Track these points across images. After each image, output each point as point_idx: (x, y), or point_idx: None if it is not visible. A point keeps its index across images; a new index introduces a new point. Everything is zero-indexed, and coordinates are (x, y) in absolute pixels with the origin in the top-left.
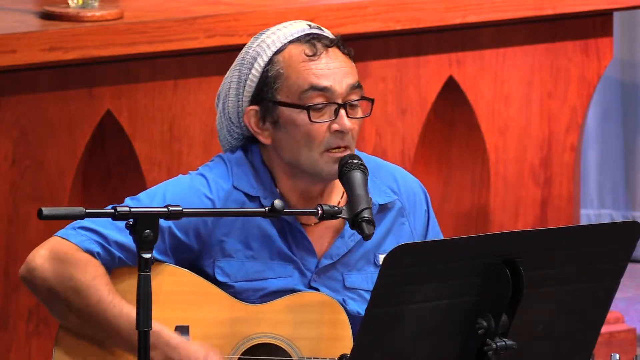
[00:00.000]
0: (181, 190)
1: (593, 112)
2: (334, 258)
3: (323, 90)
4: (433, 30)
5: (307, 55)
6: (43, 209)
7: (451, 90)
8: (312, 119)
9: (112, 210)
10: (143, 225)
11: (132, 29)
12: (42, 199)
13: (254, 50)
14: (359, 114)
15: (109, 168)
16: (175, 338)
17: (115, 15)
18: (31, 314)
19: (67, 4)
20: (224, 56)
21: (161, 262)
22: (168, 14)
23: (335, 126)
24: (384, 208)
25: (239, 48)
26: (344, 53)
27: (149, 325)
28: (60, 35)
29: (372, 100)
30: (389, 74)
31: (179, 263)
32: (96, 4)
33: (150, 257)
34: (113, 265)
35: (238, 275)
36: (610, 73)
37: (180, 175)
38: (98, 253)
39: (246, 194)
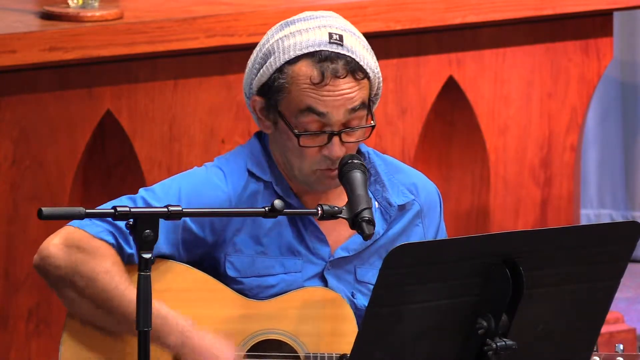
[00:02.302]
0: (197, 184)
1: (593, 112)
2: (350, 252)
3: (319, 115)
4: (433, 30)
5: (312, 81)
6: (43, 209)
7: (451, 90)
8: (302, 144)
9: (112, 210)
10: (143, 225)
11: (132, 29)
12: (42, 199)
13: (270, 45)
14: (357, 135)
15: (109, 168)
16: (192, 327)
17: (115, 15)
18: (31, 314)
19: (67, 4)
20: (224, 56)
21: (167, 259)
22: (168, 14)
23: (325, 152)
24: (401, 208)
25: (239, 48)
26: (354, 79)
27: (149, 325)
28: (60, 35)
29: (372, 127)
30: (389, 74)
31: (190, 258)
32: (96, 4)
33: (150, 257)
34: (123, 261)
35: (248, 271)
36: (610, 73)
37: (195, 168)
38: (112, 244)
39: (261, 180)
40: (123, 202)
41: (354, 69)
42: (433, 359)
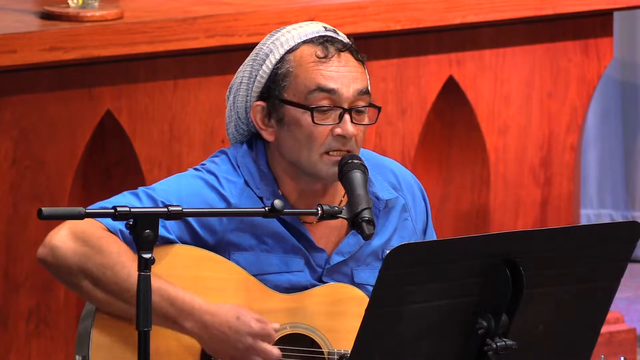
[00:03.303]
0: (195, 184)
1: (593, 112)
2: (345, 255)
3: (330, 92)
4: (433, 30)
5: (318, 57)
6: (43, 209)
7: (451, 90)
8: (316, 121)
9: (112, 211)
10: (143, 225)
11: (132, 29)
12: (42, 199)
13: (267, 48)
14: (365, 120)
15: (109, 168)
16: (209, 306)
17: (115, 15)
18: (31, 314)
19: (67, 4)
20: (224, 56)
21: (190, 244)
22: (168, 14)
23: (338, 130)
24: (388, 204)
25: (239, 48)
26: (356, 59)
27: (149, 325)
28: (60, 35)
29: (379, 108)
30: (389, 74)
31: None
32: (96, 4)
33: (151, 257)
34: (127, 244)
35: (253, 269)
36: (610, 73)
37: (190, 170)
38: (121, 231)
39: (253, 192)
40: (126, 198)
41: (353, 50)
42: (433, 359)
